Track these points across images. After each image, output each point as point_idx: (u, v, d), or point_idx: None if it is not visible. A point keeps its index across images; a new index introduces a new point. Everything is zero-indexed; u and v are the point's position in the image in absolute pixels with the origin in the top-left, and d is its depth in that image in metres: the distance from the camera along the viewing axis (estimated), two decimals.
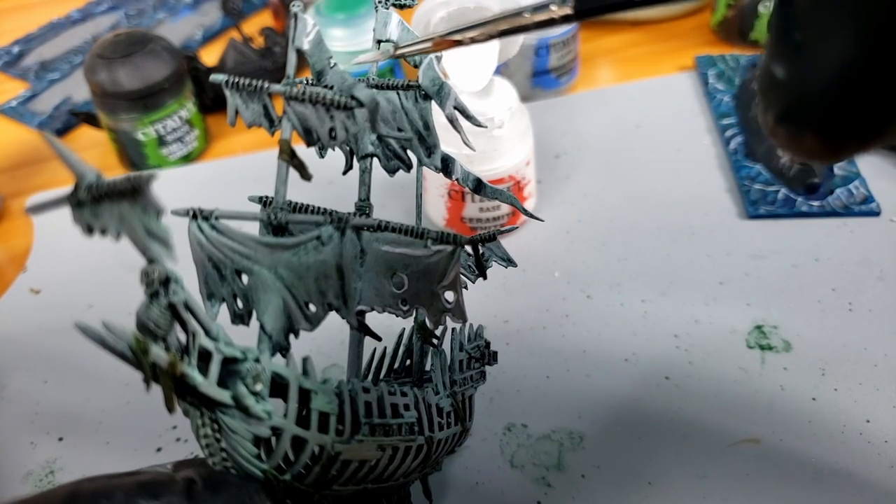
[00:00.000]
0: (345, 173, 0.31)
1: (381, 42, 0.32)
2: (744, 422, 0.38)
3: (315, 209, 0.30)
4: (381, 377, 0.35)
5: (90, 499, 0.22)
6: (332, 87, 0.29)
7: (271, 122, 0.29)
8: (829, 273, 0.45)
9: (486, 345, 0.36)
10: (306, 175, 0.27)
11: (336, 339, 0.43)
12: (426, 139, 0.31)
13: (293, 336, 0.27)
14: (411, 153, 0.31)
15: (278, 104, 0.28)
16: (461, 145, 0.32)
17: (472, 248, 0.30)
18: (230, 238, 0.27)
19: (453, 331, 0.35)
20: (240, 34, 0.67)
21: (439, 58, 0.31)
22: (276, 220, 0.29)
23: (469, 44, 0.25)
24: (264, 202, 0.30)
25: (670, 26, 0.69)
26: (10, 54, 0.75)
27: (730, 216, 0.50)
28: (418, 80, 0.30)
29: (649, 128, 0.57)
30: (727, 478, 0.36)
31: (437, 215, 0.50)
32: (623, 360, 0.42)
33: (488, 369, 0.36)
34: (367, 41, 0.59)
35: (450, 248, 0.27)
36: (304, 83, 0.29)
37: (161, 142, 0.58)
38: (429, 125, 0.30)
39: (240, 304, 0.28)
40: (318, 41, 0.29)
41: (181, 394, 0.23)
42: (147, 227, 0.20)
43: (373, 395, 0.28)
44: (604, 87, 0.63)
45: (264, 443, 0.25)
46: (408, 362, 0.35)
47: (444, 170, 0.32)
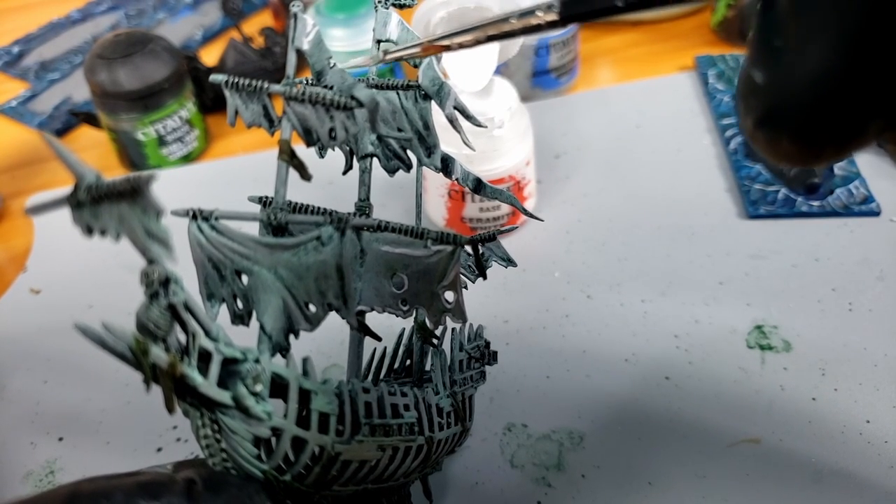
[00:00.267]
0: (345, 173, 0.32)
1: (380, 42, 0.32)
2: (744, 422, 0.38)
3: (315, 209, 0.30)
4: (381, 377, 0.35)
5: (90, 499, 0.22)
6: (331, 88, 0.29)
7: (271, 123, 0.29)
8: (829, 273, 0.45)
9: (486, 345, 0.36)
10: (306, 175, 0.27)
11: (336, 339, 0.43)
12: (426, 139, 0.31)
13: (293, 336, 0.27)
14: (411, 153, 0.31)
15: (278, 104, 0.28)
16: (461, 145, 0.32)
17: (472, 248, 0.30)
18: (230, 238, 0.27)
19: (453, 331, 0.35)
20: (240, 34, 0.67)
21: (439, 58, 0.31)
22: (275, 220, 0.29)
23: (457, 49, 0.26)
24: (264, 202, 0.30)
25: (670, 26, 0.69)
26: (10, 54, 0.75)
27: (730, 216, 0.50)
28: (418, 80, 0.30)
29: (649, 128, 0.57)
30: (727, 478, 0.36)
31: (437, 215, 0.50)
32: (623, 360, 0.42)
33: (488, 369, 0.36)
34: (367, 41, 0.59)
35: (450, 248, 0.27)
36: (304, 83, 0.29)
37: (161, 142, 0.58)
38: (429, 125, 0.30)
39: (240, 304, 0.28)
40: (318, 41, 0.29)
41: (181, 394, 0.24)
42: (147, 228, 0.20)
43: (373, 396, 0.28)
44: (604, 87, 0.63)
45: (264, 443, 0.25)
46: (408, 362, 0.35)
47: (444, 170, 0.32)
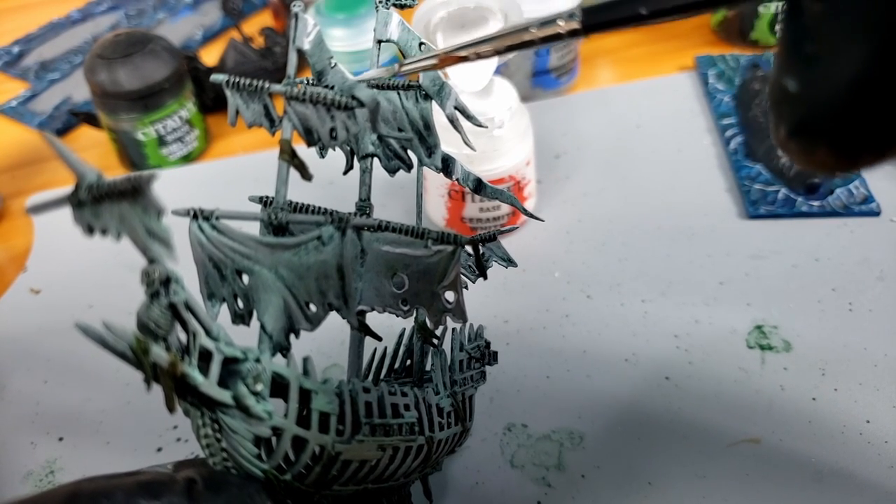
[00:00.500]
0: (345, 173, 0.32)
1: (381, 42, 0.32)
2: (744, 422, 0.38)
3: (315, 209, 0.30)
4: (381, 377, 0.35)
5: (90, 499, 0.22)
6: (332, 87, 0.29)
7: (272, 122, 0.29)
8: (829, 273, 0.45)
9: (487, 345, 0.36)
10: (307, 175, 0.27)
11: (336, 339, 0.43)
12: (426, 139, 0.31)
13: (294, 336, 0.27)
14: (412, 153, 0.31)
15: (279, 104, 0.28)
16: (461, 145, 0.32)
17: (473, 248, 0.31)
18: (231, 238, 0.27)
19: (453, 331, 0.35)
20: (240, 34, 0.67)
21: None
22: (276, 220, 0.29)
23: (475, 59, 0.25)
24: (265, 202, 0.30)
25: (670, 26, 0.69)
26: (10, 54, 0.75)
27: (730, 216, 0.50)
28: (419, 81, 0.30)
29: (649, 128, 0.57)
30: (727, 478, 0.36)
31: (438, 215, 0.50)
32: (623, 361, 0.42)
33: (488, 369, 0.36)
34: (367, 41, 0.59)
35: (450, 248, 0.27)
36: (305, 83, 0.29)
37: (161, 142, 0.58)
38: (429, 125, 0.30)
39: (240, 304, 0.28)
40: (319, 41, 0.29)
41: (182, 394, 0.24)
42: (148, 227, 0.20)
43: (373, 396, 0.28)
44: (604, 87, 0.63)
45: (265, 443, 0.25)
46: (408, 362, 0.35)
47: (445, 170, 0.32)
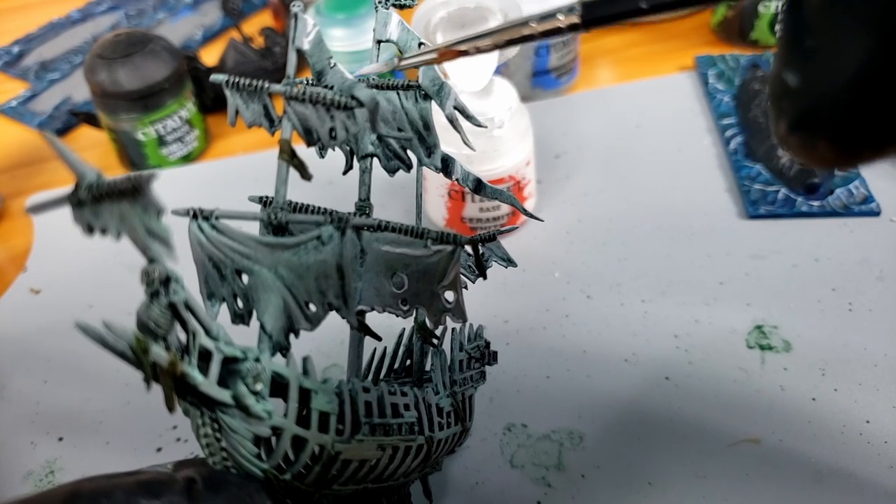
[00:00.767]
0: (345, 173, 0.32)
1: (380, 42, 0.32)
2: (744, 422, 0.38)
3: (315, 209, 0.30)
4: (381, 377, 0.35)
5: (91, 498, 0.22)
6: (332, 87, 0.29)
7: (271, 122, 0.29)
8: (829, 273, 0.45)
9: (486, 345, 0.36)
10: (306, 175, 0.27)
11: (336, 338, 0.43)
12: (426, 139, 0.31)
13: (293, 336, 0.27)
14: (411, 153, 0.31)
15: (278, 104, 0.28)
16: (461, 145, 0.32)
17: (472, 248, 0.31)
18: (230, 238, 0.27)
19: (453, 331, 0.35)
20: (240, 34, 0.67)
21: None
22: (276, 219, 0.29)
23: (474, 53, 0.25)
24: (264, 202, 0.30)
25: (670, 26, 0.70)
26: (10, 54, 0.75)
27: (730, 216, 0.50)
28: (418, 80, 0.30)
29: (649, 128, 0.57)
30: (727, 478, 0.36)
31: (437, 215, 0.50)
32: (623, 360, 0.42)
33: (488, 369, 0.36)
34: (367, 41, 0.59)
35: (450, 248, 0.27)
36: (305, 83, 0.29)
37: (161, 142, 0.58)
38: (429, 125, 0.31)
39: (240, 303, 0.28)
40: (319, 41, 0.29)
41: (181, 393, 0.24)
42: (147, 227, 0.20)
43: (373, 395, 0.28)
44: (604, 87, 0.63)
45: (264, 442, 0.25)
46: (408, 362, 0.35)
47: (444, 170, 0.32)
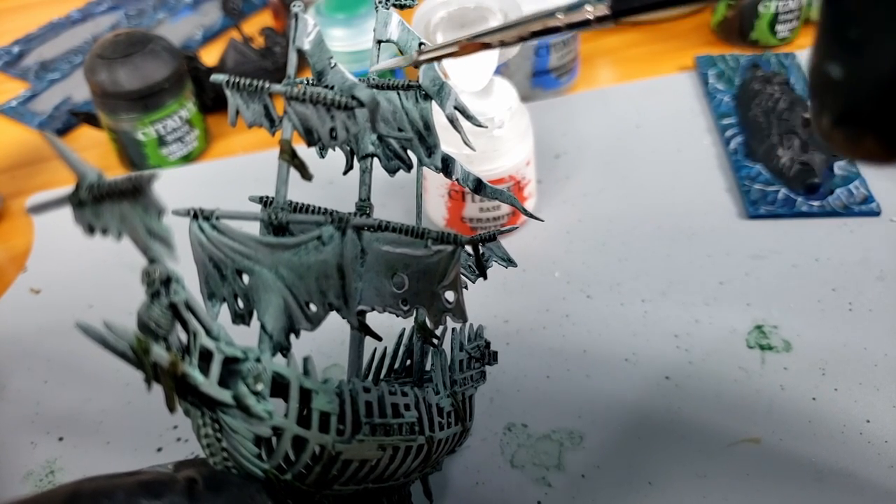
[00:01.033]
0: (345, 173, 0.32)
1: (381, 42, 0.32)
2: (744, 422, 0.38)
3: (315, 209, 0.30)
4: (381, 377, 0.35)
5: (91, 498, 0.22)
6: (332, 87, 0.29)
7: (272, 122, 0.29)
8: (829, 273, 0.45)
9: (486, 345, 0.36)
10: (307, 175, 0.27)
11: (336, 339, 0.43)
12: (426, 139, 0.31)
13: (294, 336, 0.27)
14: (411, 153, 0.31)
15: (279, 104, 0.28)
16: (461, 145, 0.32)
17: (473, 248, 0.31)
18: (231, 238, 0.27)
19: (453, 331, 0.35)
20: (240, 34, 0.67)
21: None
22: (276, 219, 0.29)
23: (498, 46, 0.24)
24: (265, 202, 0.30)
25: (670, 26, 0.70)
26: (10, 54, 0.75)
27: (730, 216, 0.50)
28: (418, 80, 0.30)
29: (649, 128, 0.57)
30: (727, 478, 0.36)
31: (438, 215, 0.50)
32: (623, 360, 0.42)
33: (488, 369, 0.36)
34: (367, 41, 0.59)
35: (450, 248, 0.27)
36: (305, 83, 0.29)
37: (161, 142, 0.58)
38: (429, 125, 0.31)
39: (240, 303, 0.28)
40: (319, 41, 0.29)
41: (182, 393, 0.24)
42: (148, 227, 0.20)
43: (373, 395, 0.28)
44: (604, 87, 0.63)
45: (265, 442, 0.25)
46: (408, 362, 0.35)
47: (445, 170, 0.32)
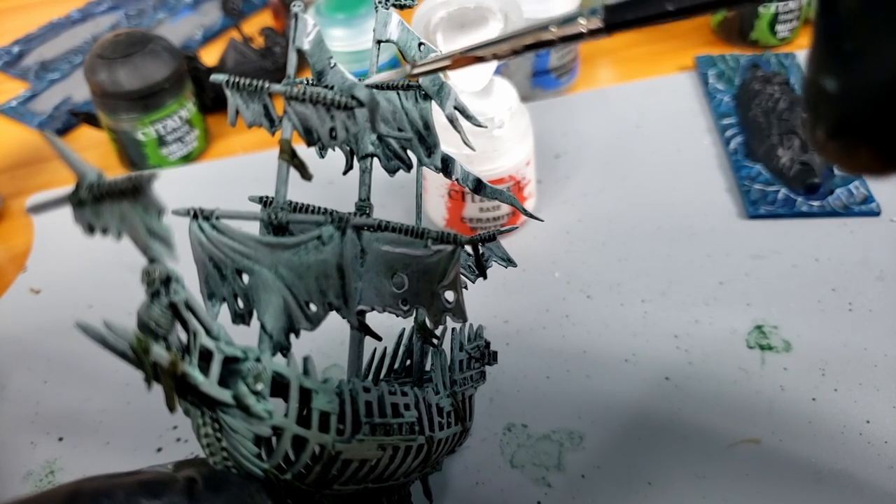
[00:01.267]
0: (345, 173, 0.32)
1: (380, 42, 0.32)
2: (744, 422, 0.38)
3: (315, 209, 0.30)
4: (381, 377, 0.35)
5: (91, 498, 0.22)
6: (332, 87, 0.29)
7: (272, 122, 0.29)
8: (829, 273, 0.45)
9: (486, 345, 0.36)
10: (307, 175, 0.27)
11: (336, 338, 0.43)
12: (426, 139, 0.31)
13: (294, 336, 0.28)
14: (411, 153, 0.31)
15: (279, 104, 0.28)
16: (461, 145, 0.32)
17: (472, 248, 0.31)
18: (231, 238, 0.27)
19: (453, 331, 0.35)
20: (240, 34, 0.67)
21: None
22: (276, 219, 0.29)
23: (491, 59, 0.24)
24: (264, 202, 0.30)
25: (670, 26, 0.69)
26: (10, 54, 0.75)
27: (730, 216, 0.50)
28: (418, 81, 0.30)
29: (649, 128, 0.57)
30: (727, 478, 0.36)
31: (437, 215, 0.50)
32: (623, 361, 0.42)
33: (488, 369, 0.36)
34: (367, 41, 0.59)
35: (450, 248, 0.27)
36: (305, 83, 0.29)
37: (161, 142, 0.58)
38: (429, 125, 0.31)
39: (240, 303, 0.28)
40: (319, 41, 0.29)
41: (182, 393, 0.24)
42: (148, 227, 0.20)
43: (373, 395, 0.28)
44: (604, 87, 0.63)
45: (265, 442, 0.25)
46: (408, 362, 0.35)
47: (444, 170, 0.32)
